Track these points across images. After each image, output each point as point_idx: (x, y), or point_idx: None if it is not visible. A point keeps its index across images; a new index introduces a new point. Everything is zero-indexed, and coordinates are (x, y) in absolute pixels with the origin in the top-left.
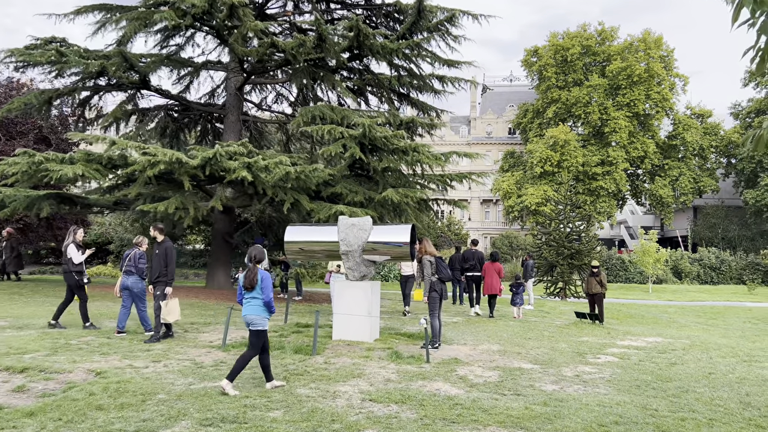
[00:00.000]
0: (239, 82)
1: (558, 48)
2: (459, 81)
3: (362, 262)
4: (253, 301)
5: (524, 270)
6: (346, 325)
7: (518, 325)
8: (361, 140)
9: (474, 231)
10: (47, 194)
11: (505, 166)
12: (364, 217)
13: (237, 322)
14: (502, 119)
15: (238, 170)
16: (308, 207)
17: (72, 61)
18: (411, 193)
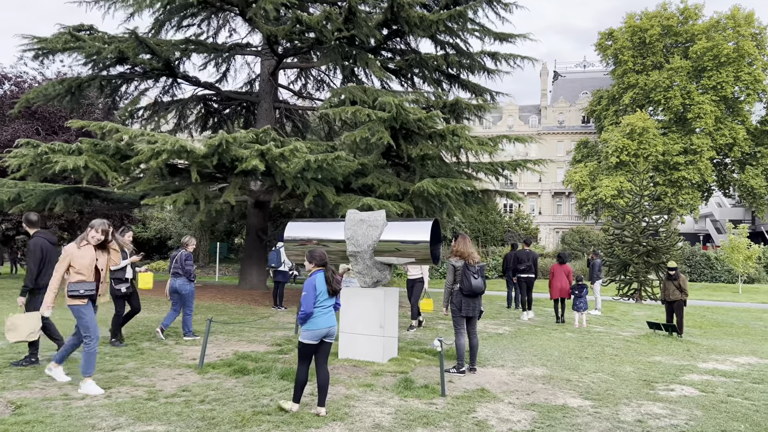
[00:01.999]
0: (271, 66)
1: (635, 29)
2: (515, 58)
3: (374, 265)
4: (331, 309)
5: (590, 270)
6: (354, 341)
7: (576, 339)
8: (392, 124)
9: (545, 225)
10: (64, 188)
11: (577, 157)
12: (377, 212)
13: (219, 336)
14: (574, 107)
15: (249, 159)
16: (333, 200)
17: (87, 46)
18: (452, 183)
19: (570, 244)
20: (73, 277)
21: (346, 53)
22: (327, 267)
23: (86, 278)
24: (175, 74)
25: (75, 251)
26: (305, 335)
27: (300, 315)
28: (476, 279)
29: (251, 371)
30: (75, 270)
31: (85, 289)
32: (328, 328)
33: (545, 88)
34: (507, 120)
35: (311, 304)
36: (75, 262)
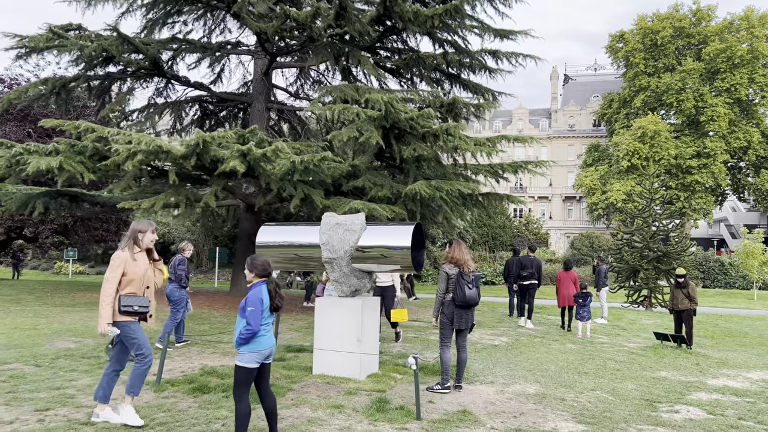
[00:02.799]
0: (264, 66)
1: (647, 31)
2: (516, 56)
3: (352, 272)
4: (271, 327)
5: (596, 277)
6: (329, 355)
7: (577, 351)
8: (382, 123)
9: (555, 230)
10: (45, 191)
11: (588, 161)
12: (354, 215)
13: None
14: (585, 111)
15: (229, 160)
16: (321, 203)
17: (69, 44)
18: (446, 186)
19: (579, 249)
20: (125, 288)
21: (339, 51)
22: (270, 279)
23: (138, 291)
24: (165, 74)
25: (129, 258)
26: (248, 358)
27: (244, 334)
28: (471, 289)
29: (212, 389)
30: (127, 280)
31: (139, 305)
32: (271, 348)
33: (555, 91)
34: (517, 124)
35: (259, 321)
36: (129, 270)
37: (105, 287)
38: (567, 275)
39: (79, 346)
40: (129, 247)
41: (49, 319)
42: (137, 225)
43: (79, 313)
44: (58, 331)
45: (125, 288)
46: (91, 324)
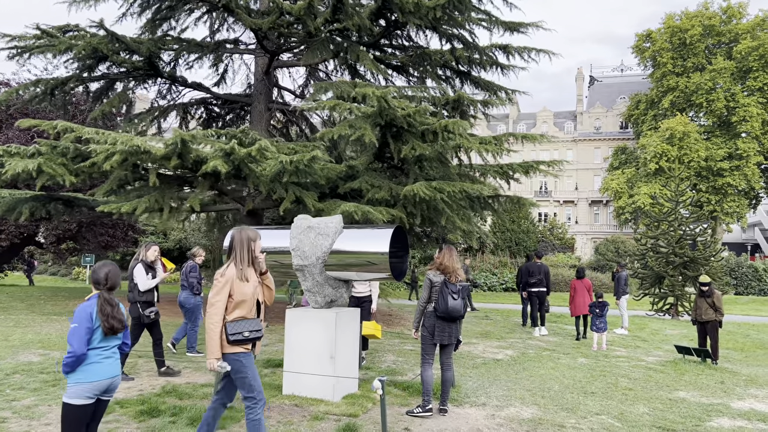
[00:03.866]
0: (264, 65)
1: (675, 30)
2: (529, 51)
3: (326, 281)
4: (116, 352)
5: (616, 284)
6: (299, 377)
7: (587, 367)
8: (377, 120)
9: (581, 235)
10: (34, 196)
11: (615, 164)
12: (328, 218)
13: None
14: (611, 113)
15: (211, 160)
16: (313, 206)
17: (58, 42)
18: (448, 187)
19: (604, 254)
20: (232, 313)
21: (338, 47)
22: (101, 294)
23: (247, 314)
24: (161, 74)
25: (236, 276)
26: (75, 391)
27: (65, 360)
28: (455, 300)
29: (162, 412)
30: (235, 303)
31: (250, 330)
32: (111, 380)
33: (581, 93)
34: (541, 126)
35: (84, 343)
36: (237, 290)
37: (210, 314)
38: (581, 283)
39: (42, 360)
40: (237, 262)
41: (26, 329)
42: (246, 232)
43: (63, 323)
44: (28, 343)
45: (232, 312)
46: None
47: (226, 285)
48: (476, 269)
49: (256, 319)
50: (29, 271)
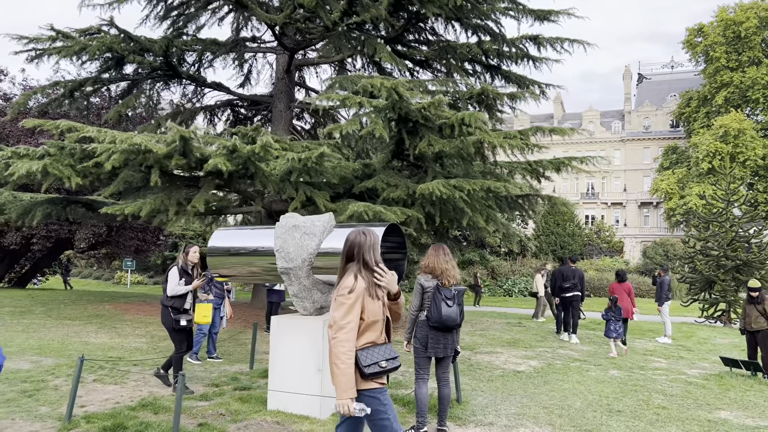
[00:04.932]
0: (285, 63)
1: (728, 23)
2: (561, 42)
3: (314, 285)
4: None
5: (657, 289)
6: (285, 387)
7: (618, 380)
8: (390, 114)
9: (630, 238)
10: (50, 198)
11: (665, 164)
12: (316, 216)
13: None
14: (661, 111)
15: (213, 159)
16: (324, 206)
17: (74, 43)
18: (468, 185)
19: (652, 258)
20: (361, 337)
21: (355, 41)
22: None
23: (377, 339)
24: (180, 74)
25: (366, 290)
26: None
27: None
28: (449, 306)
29: (127, 429)
30: (365, 325)
31: (387, 358)
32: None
33: (629, 92)
34: (587, 127)
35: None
36: (368, 309)
37: (341, 340)
38: (620, 287)
39: (30, 368)
40: (362, 273)
41: (32, 334)
42: (373, 236)
43: (70, 328)
44: (25, 349)
45: (361, 336)
46: (70, 341)
47: (358, 302)
48: (516, 273)
49: (388, 344)
50: (65, 275)
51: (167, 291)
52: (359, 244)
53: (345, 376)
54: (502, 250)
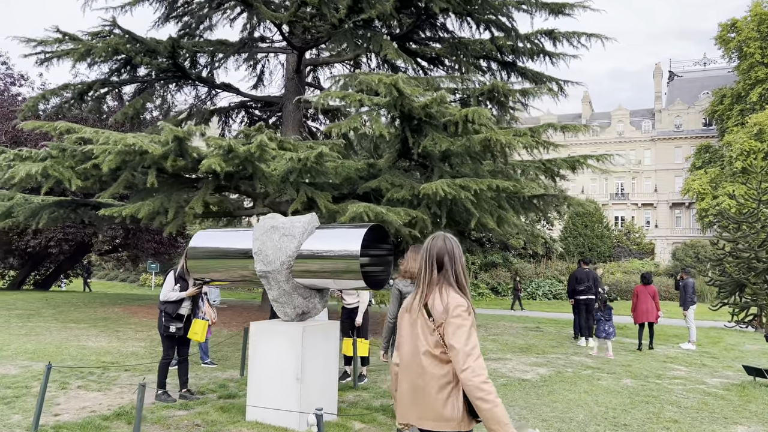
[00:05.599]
0: (294, 62)
1: (763, 17)
2: (578, 36)
3: (294, 290)
4: None
5: (681, 293)
6: (265, 398)
7: (631, 390)
8: (392, 111)
9: (662, 239)
10: (57, 201)
11: (697, 163)
12: (300, 216)
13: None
14: (693, 109)
15: (207, 159)
16: (325, 207)
17: (83, 45)
18: (474, 184)
19: (682, 260)
20: None
21: (361, 38)
22: None
23: None
24: (188, 75)
25: None
26: None
27: None
28: None
29: None
30: None
31: None
32: None
33: (659, 90)
34: (616, 126)
35: None
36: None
37: (474, 370)
38: (645, 289)
39: (18, 373)
40: (464, 287)
41: (32, 337)
42: (457, 244)
43: (72, 331)
44: (19, 353)
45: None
46: (68, 344)
47: (473, 319)
48: (540, 276)
49: None
50: (86, 278)
51: (161, 295)
52: (451, 253)
53: (499, 407)
54: (527, 252)
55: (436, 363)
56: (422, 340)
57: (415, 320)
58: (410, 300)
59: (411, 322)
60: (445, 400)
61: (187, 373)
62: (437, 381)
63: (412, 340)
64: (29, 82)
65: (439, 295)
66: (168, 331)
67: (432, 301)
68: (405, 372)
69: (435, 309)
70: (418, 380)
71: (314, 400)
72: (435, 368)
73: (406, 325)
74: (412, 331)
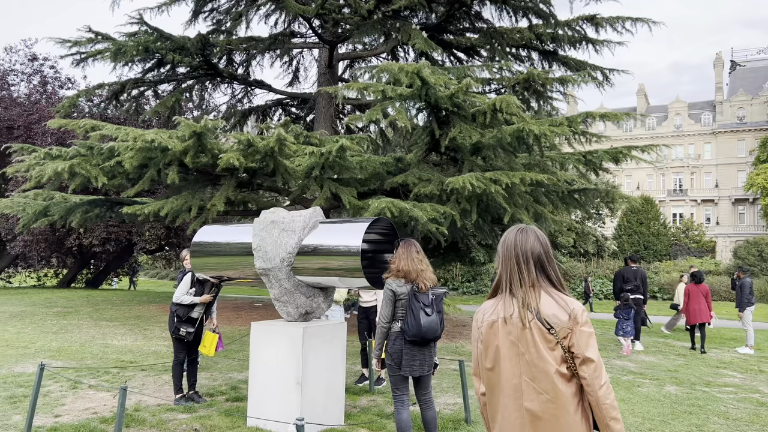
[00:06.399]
0: (326, 57)
1: None
2: (622, 21)
3: (296, 288)
4: None
5: (738, 293)
6: (267, 402)
7: (674, 398)
8: (416, 101)
9: (723, 237)
10: (91, 200)
11: (762, 157)
12: (301, 211)
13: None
14: (758, 100)
15: (225, 154)
16: (349, 203)
17: (114, 44)
18: (505, 178)
19: (744, 258)
20: None
21: (392, 30)
22: None
23: None
24: (221, 73)
25: None
26: None
27: None
28: (428, 315)
29: None
30: None
31: None
32: None
33: (720, 81)
34: (674, 119)
35: None
36: None
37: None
38: (697, 289)
39: (34, 371)
40: (560, 286)
41: (59, 335)
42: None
43: (101, 329)
44: (43, 351)
45: None
46: (93, 343)
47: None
48: (592, 275)
49: None
50: (131, 276)
51: (174, 297)
52: (546, 248)
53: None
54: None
55: (565, 382)
56: (547, 357)
57: (522, 334)
58: (500, 309)
59: (514, 337)
60: (581, 421)
61: (195, 374)
62: (572, 402)
63: (520, 358)
64: (75, 85)
65: (549, 300)
66: (178, 334)
67: (541, 308)
68: (513, 399)
69: (553, 317)
70: (549, 406)
71: (318, 405)
72: (566, 387)
73: (505, 342)
74: (517, 349)
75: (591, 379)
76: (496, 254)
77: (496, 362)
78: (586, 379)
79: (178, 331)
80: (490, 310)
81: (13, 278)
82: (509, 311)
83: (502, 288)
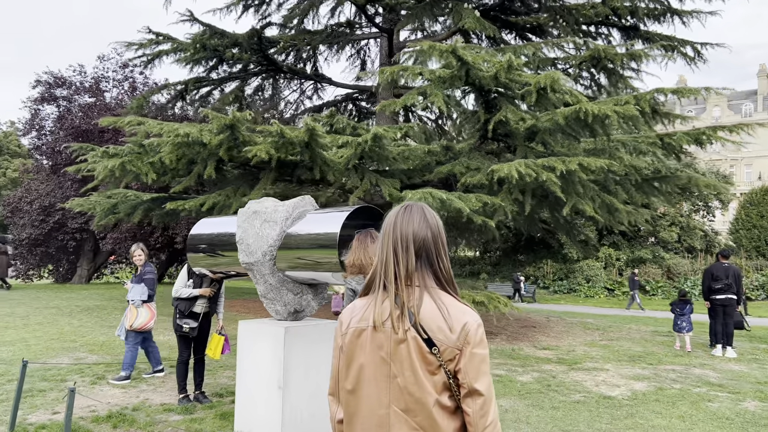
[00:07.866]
0: (385, 47)
1: None
2: None
3: (282, 284)
4: None
5: None
6: (252, 408)
7: (746, 417)
8: (456, 83)
9: None
10: (152, 198)
11: None
12: (288, 200)
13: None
14: None
15: (256, 147)
16: (389, 195)
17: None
18: (559, 165)
19: None
20: None
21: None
22: None
23: None
24: (281, 68)
25: None
26: None
27: None
28: None
29: None
30: None
31: None
32: None
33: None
34: (712, 111)
35: None
36: None
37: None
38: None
39: (66, 365)
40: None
41: (105, 329)
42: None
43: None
44: (86, 345)
45: None
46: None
47: None
48: (698, 273)
49: None
50: None
51: (174, 290)
52: (435, 233)
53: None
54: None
55: (447, 416)
56: (425, 384)
57: (396, 350)
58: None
59: (385, 353)
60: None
61: (203, 374)
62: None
63: (391, 382)
64: None
65: (432, 307)
66: (181, 330)
67: (422, 315)
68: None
69: (438, 332)
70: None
71: (303, 411)
72: (449, 423)
73: (372, 359)
74: (388, 370)
75: (475, 416)
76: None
77: (358, 384)
78: (470, 416)
79: (180, 328)
80: (359, 312)
81: (111, 275)
82: (382, 316)
83: (375, 284)
